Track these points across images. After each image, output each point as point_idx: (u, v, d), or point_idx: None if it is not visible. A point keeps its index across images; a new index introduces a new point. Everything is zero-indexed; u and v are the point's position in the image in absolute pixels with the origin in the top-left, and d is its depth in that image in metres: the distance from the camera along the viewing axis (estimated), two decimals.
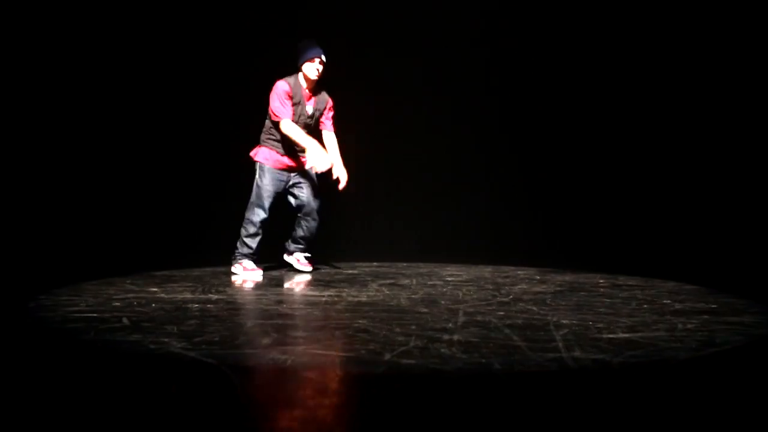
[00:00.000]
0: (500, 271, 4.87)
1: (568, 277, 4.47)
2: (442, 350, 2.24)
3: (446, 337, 2.45)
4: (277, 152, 4.42)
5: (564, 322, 2.78)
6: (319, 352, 2.21)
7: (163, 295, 3.42)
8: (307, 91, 4.39)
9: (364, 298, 3.43)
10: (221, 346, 2.23)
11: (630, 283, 4.16)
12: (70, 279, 3.87)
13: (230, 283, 3.98)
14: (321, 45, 4.39)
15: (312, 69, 4.33)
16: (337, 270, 4.91)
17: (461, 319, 2.85)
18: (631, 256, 5.37)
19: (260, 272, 4.38)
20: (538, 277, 4.48)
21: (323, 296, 3.49)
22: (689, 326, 2.67)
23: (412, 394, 1.82)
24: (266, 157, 4.44)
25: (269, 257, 4.75)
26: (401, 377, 1.94)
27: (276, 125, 4.35)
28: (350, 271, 4.85)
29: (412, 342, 2.35)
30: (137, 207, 5.69)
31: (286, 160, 4.45)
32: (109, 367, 2.03)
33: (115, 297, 3.29)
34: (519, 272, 4.81)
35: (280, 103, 4.28)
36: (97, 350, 2.18)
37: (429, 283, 4.18)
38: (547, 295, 3.59)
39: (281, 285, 3.95)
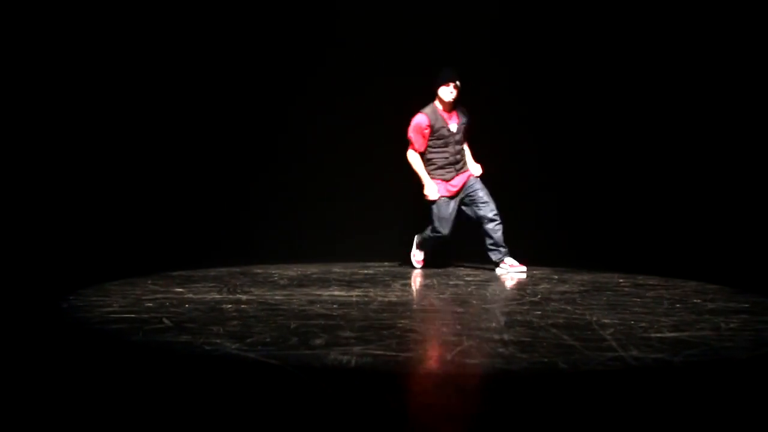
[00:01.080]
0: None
1: (587, 277, 4.48)
2: (500, 350, 2.23)
3: (496, 336, 2.44)
4: (442, 180, 4.91)
5: (605, 321, 2.78)
6: (377, 352, 2.18)
7: (190, 295, 3.38)
8: (445, 112, 4.85)
9: (394, 298, 3.41)
10: (277, 347, 2.20)
11: (651, 282, 4.18)
12: (91, 279, 3.81)
13: (252, 283, 3.93)
14: (456, 70, 4.84)
15: (446, 92, 4.78)
16: (353, 270, 4.89)
17: (501, 318, 2.84)
18: (641, 255, 5.41)
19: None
20: (556, 277, 4.48)
21: (352, 296, 3.47)
22: (732, 325, 2.68)
23: (487, 393, 1.81)
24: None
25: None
26: (472, 376, 1.92)
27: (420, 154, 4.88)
28: (366, 271, 4.83)
29: (466, 342, 2.34)
30: (145, 209, 5.63)
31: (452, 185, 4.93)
32: (174, 369, 1.99)
33: (144, 298, 3.24)
34: (535, 272, 4.81)
35: (415, 134, 4.83)
36: (153, 352, 2.14)
37: (450, 282, 4.17)
38: (575, 295, 3.59)
39: (303, 285, 3.91)
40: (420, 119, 4.81)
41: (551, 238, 5.90)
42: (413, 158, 4.86)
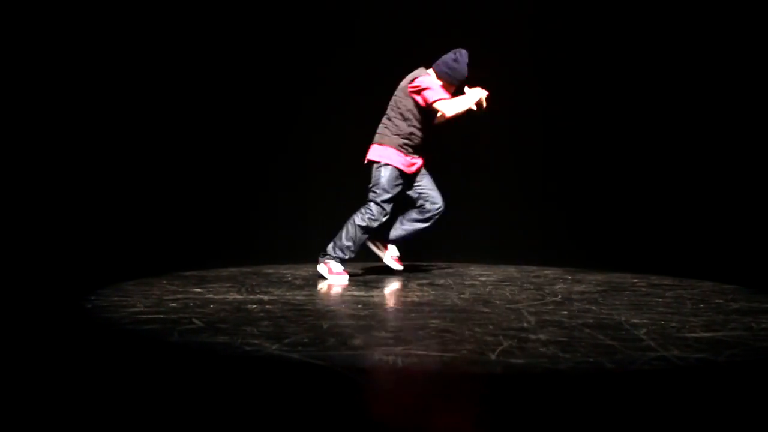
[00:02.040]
0: (527, 271, 4.87)
1: (600, 277, 4.48)
2: (541, 349, 2.22)
3: (533, 336, 2.43)
4: (405, 155, 4.20)
5: (635, 321, 2.77)
6: (420, 352, 2.16)
7: (211, 295, 3.34)
8: None
9: (416, 299, 3.39)
10: (317, 347, 2.17)
11: (665, 282, 4.19)
12: (106, 280, 3.76)
13: (268, 284, 3.90)
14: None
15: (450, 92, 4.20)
16: (363, 270, 4.86)
17: (531, 318, 2.83)
18: (649, 255, 5.43)
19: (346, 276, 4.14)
20: (570, 277, 4.48)
21: (373, 296, 3.44)
22: (764, 325, 2.69)
23: (542, 393, 1.80)
24: (393, 159, 4.17)
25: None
26: (523, 377, 1.91)
27: (426, 115, 4.19)
28: (377, 272, 4.80)
29: (504, 342, 2.33)
30: (150, 210, 5.58)
31: (411, 161, 4.25)
32: (221, 370, 1.96)
33: (165, 298, 3.20)
34: (546, 272, 4.81)
35: (437, 89, 4.11)
36: (196, 353, 2.11)
37: (466, 282, 4.16)
38: (595, 295, 3.59)
39: (320, 285, 3.88)
40: (432, 77, 4.21)
41: (559, 239, 5.90)
42: (450, 104, 4.06)
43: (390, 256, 4.47)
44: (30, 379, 1.82)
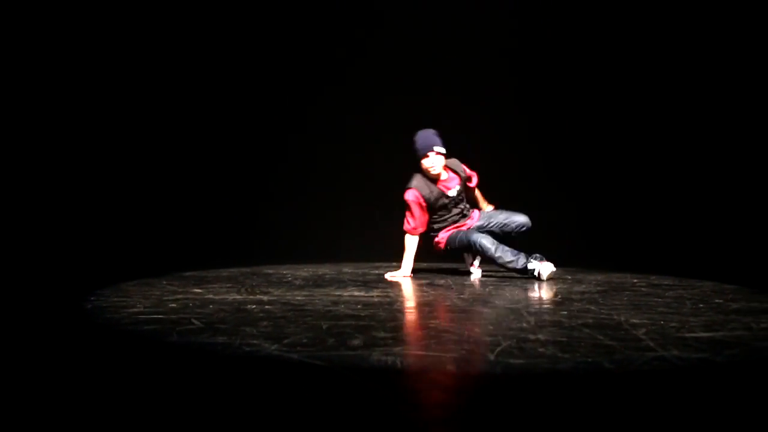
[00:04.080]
0: None
1: (600, 277, 4.48)
2: (540, 349, 2.21)
3: (532, 336, 2.43)
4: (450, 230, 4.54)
5: (635, 321, 2.77)
6: (420, 352, 2.16)
7: (211, 296, 3.34)
8: (436, 183, 4.43)
9: (416, 299, 3.39)
10: (316, 347, 2.17)
11: (666, 282, 4.18)
12: (105, 280, 3.77)
13: (268, 284, 3.91)
14: (434, 133, 4.38)
15: (429, 165, 4.35)
16: (364, 270, 4.86)
17: (530, 319, 2.83)
18: (648, 255, 5.43)
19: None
20: (570, 277, 4.49)
21: (373, 297, 3.44)
22: (763, 325, 2.68)
23: (539, 394, 1.80)
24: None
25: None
26: (522, 377, 1.91)
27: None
28: (377, 272, 4.81)
29: (503, 342, 2.32)
30: (147, 210, 5.60)
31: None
32: (220, 371, 1.96)
33: (165, 298, 3.20)
34: None
35: (411, 215, 4.40)
36: (195, 354, 2.11)
37: (466, 283, 4.16)
38: (595, 295, 3.59)
39: (320, 286, 3.89)
40: (410, 195, 4.38)
41: (558, 239, 5.90)
42: (408, 242, 4.43)
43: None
44: (29, 379, 1.82)
